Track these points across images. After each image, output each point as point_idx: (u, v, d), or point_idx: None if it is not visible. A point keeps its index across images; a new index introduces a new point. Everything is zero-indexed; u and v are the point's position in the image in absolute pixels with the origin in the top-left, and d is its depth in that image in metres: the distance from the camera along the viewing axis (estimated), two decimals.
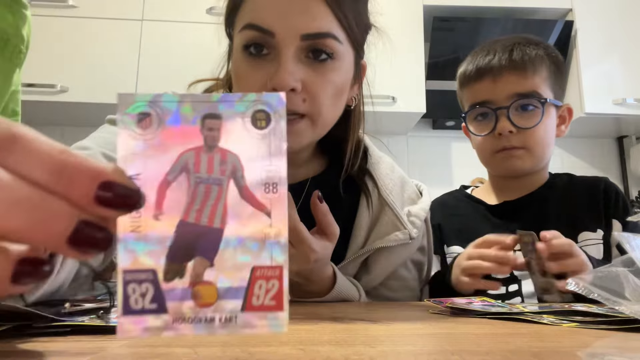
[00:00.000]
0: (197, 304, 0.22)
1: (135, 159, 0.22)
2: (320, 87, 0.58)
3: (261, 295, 0.23)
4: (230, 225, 0.23)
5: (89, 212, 0.20)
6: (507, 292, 0.80)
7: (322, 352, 0.26)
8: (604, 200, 0.86)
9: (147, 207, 0.22)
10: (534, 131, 0.83)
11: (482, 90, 0.85)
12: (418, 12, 2.13)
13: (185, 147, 0.23)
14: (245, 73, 0.59)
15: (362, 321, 0.41)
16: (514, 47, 0.85)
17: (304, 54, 0.58)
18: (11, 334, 0.29)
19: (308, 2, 0.56)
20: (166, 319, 0.22)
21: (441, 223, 0.91)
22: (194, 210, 0.23)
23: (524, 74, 0.83)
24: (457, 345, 0.30)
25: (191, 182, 0.23)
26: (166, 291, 0.22)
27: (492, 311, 0.45)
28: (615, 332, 0.35)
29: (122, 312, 0.21)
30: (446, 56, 2.15)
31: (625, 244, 0.44)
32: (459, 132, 2.41)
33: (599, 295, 0.41)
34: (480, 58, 0.87)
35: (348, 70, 0.63)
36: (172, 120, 0.23)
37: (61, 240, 0.20)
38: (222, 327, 0.22)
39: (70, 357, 0.24)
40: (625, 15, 2.15)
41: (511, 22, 2.16)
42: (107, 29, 2.05)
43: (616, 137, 2.45)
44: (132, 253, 0.22)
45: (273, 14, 0.56)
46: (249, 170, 0.23)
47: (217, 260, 0.23)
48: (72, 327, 0.31)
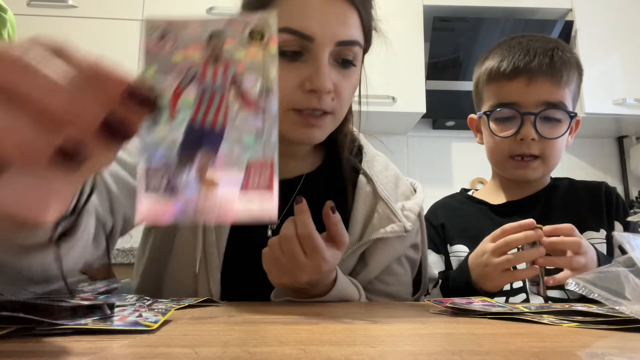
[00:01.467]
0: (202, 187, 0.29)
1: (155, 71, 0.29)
2: (346, 88, 0.64)
3: (255, 182, 0.29)
4: (229, 127, 0.29)
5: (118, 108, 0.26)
6: (512, 288, 0.80)
7: (322, 352, 0.26)
8: (606, 203, 0.87)
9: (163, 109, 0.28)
10: (554, 142, 0.82)
11: (513, 90, 0.82)
12: (418, 12, 2.13)
13: (194, 61, 0.29)
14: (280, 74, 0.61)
15: (362, 321, 0.41)
16: (554, 51, 0.82)
17: (334, 58, 0.62)
18: (12, 335, 0.29)
19: (345, 12, 0.61)
20: (178, 199, 0.28)
21: (444, 223, 0.90)
22: (201, 113, 0.29)
23: (558, 82, 0.81)
24: (457, 345, 0.30)
25: (198, 90, 0.29)
26: (178, 179, 0.29)
27: (492, 311, 0.45)
28: (615, 332, 0.35)
29: (144, 191, 0.29)
30: (446, 56, 2.15)
31: (625, 244, 0.44)
32: (459, 132, 2.41)
33: (599, 295, 0.41)
34: (519, 56, 0.82)
35: (360, 71, 0.69)
36: (185, 37, 0.29)
37: (95, 122, 0.26)
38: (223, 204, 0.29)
39: (70, 357, 0.24)
40: (625, 15, 2.15)
41: (511, 22, 2.16)
42: (107, 29, 2.05)
43: (616, 137, 2.45)
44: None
45: (313, 20, 0.59)
46: (246, 79, 0.30)
47: (219, 155, 0.29)
48: (73, 329, 0.31)
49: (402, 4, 2.12)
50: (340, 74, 0.63)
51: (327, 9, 0.60)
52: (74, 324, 0.31)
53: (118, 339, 0.29)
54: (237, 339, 0.30)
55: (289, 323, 0.39)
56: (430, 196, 0.92)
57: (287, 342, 0.29)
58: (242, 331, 0.34)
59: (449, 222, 0.90)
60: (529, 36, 0.87)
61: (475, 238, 0.77)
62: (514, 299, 0.79)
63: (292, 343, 0.28)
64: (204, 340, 0.30)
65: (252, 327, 0.37)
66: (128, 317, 0.36)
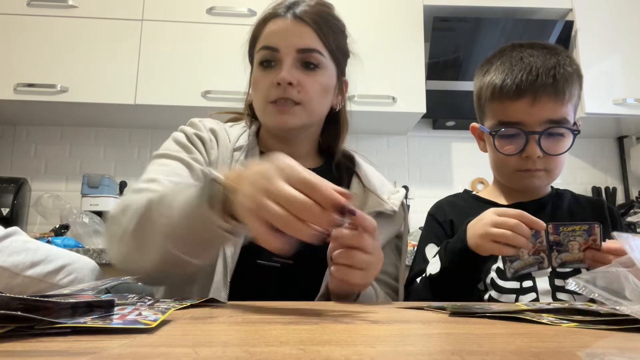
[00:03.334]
0: None
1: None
2: (310, 84, 0.81)
3: None
4: None
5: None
6: (522, 287, 0.80)
7: (322, 352, 0.26)
8: (610, 218, 0.90)
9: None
10: (558, 157, 0.85)
11: (518, 110, 0.82)
12: (418, 12, 2.13)
13: None
14: (260, 79, 0.84)
15: (362, 321, 0.41)
16: (556, 69, 0.82)
17: (300, 63, 0.82)
18: (12, 334, 0.29)
19: (302, 29, 0.81)
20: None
21: (453, 219, 0.91)
22: None
23: (562, 100, 0.82)
24: (457, 345, 0.30)
25: None
26: None
27: (492, 311, 0.45)
28: (615, 332, 0.35)
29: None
30: (446, 56, 2.15)
31: (625, 244, 0.44)
32: (459, 132, 2.41)
33: (599, 295, 0.41)
34: (522, 76, 0.82)
35: (331, 77, 0.85)
36: None
37: (328, 226, 0.48)
38: None
39: (70, 357, 0.24)
40: (626, 15, 2.15)
41: (511, 22, 2.16)
42: (107, 29, 2.05)
43: (616, 137, 2.45)
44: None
45: (278, 37, 0.82)
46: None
47: None
48: (72, 328, 0.31)
49: (402, 4, 2.11)
50: (305, 74, 0.81)
51: (288, 29, 0.81)
52: (73, 323, 0.31)
53: (118, 339, 0.29)
54: (237, 339, 0.30)
55: (289, 323, 0.39)
56: (431, 196, 0.93)
57: (287, 342, 0.29)
58: (242, 331, 0.34)
59: (458, 219, 0.91)
60: (528, 49, 0.86)
61: None
62: (523, 297, 0.79)
63: (292, 343, 0.28)
64: (204, 340, 0.30)
65: (252, 327, 0.37)
66: (128, 315, 0.36)
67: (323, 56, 0.82)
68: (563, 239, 0.73)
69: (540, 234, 0.73)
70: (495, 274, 0.82)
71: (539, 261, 0.74)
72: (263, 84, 0.82)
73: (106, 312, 0.37)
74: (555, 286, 0.80)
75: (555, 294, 0.79)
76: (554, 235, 0.73)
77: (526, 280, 0.81)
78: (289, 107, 0.80)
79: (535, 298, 0.79)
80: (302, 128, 0.84)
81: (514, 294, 0.80)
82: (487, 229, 0.71)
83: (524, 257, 0.74)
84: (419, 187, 2.31)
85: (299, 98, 0.80)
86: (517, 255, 0.74)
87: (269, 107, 0.81)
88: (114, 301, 0.39)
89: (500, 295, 0.81)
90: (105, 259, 1.58)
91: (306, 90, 0.81)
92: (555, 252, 0.74)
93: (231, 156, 0.84)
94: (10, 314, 0.29)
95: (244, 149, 0.85)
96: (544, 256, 0.74)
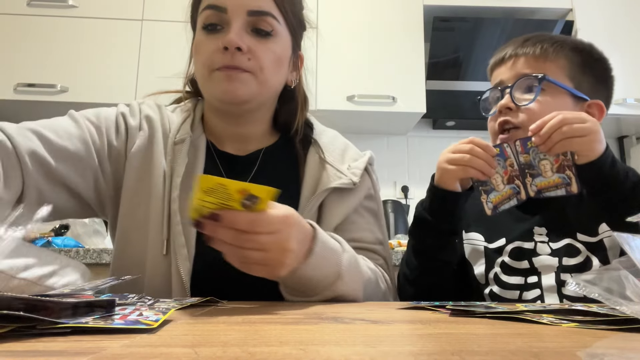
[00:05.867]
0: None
1: None
2: (262, 51, 0.72)
3: None
4: None
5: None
6: (526, 283, 0.79)
7: (322, 352, 0.26)
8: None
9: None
10: (529, 109, 0.82)
11: (498, 75, 0.88)
12: (418, 12, 2.13)
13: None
14: (203, 44, 0.73)
15: (362, 321, 0.41)
16: (531, 37, 0.87)
17: (250, 27, 0.72)
18: (12, 334, 0.29)
19: None
20: None
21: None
22: None
23: (534, 57, 0.84)
24: (457, 345, 0.30)
25: None
26: None
27: (492, 311, 0.45)
28: (615, 332, 0.35)
29: None
30: (446, 56, 2.15)
31: (625, 244, 0.44)
32: (459, 132, 2.41)
33: (599, 295, 0.41)
34: (500, 50, 0.89)
35: (285, 47, 0.77)
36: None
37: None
38: None
39: (70, 357, 0.24)
40: (626, 15, 2.15)
41: (511, 22, 2.16)
42: (107, 29, 2.05)
43: (616, 137, 2.45)
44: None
45: None
46: None
47: None
48: (72, 328, 0.31)
49: (402, 4, 2.11)
50: (257, 41, 0.72)
51: None
52: (75, 322, 0.31)
53: (118, 339, 0.29)
54: (237, 339, 0.30)
55: (289, 323, 0.39)
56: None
57: (287, 342, 0.29)
58: (242, 331, 0.34)
59: (467, 209, 0.90)
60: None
61: (491, 227, 0.83)
62: (527, 294, 0.78)
63: (292, 343, 0.28)
64: (204, 340, 0.30)
65: (252, 327, 0.37)
66: (129, 315, 0.36)
67: (278, 22, 0.74)
68: (534, 159, 0.73)
69: (507, 155, 0.74)
70: (499, 268, 0.82)
71: (516, 192, 0.75)
72: (206, 49, 0.72)
73: (107, 312, 0.37)
74: (561, 281, 0.78)
75: (560, 290, 0.78)
76: (523, 155, 0.74)
77: (531, 275, 0.80)
78: (240, 74, 0.70)
79: (540, 295, 0.78)
80: (253, 102, 0.75)
81: (518, 290, 0.79)
82: (446, 156, 0.79)
83: (499, 187, 0.75)
84: (419, 187, 2.31)
85: (250, 66, 0.71)
86: (492, 185, 0.75)
87: (214, 74, 0.71)
88: (115, 301, 0.39)
89: (504, 291, 0.80)
90: (105, 259, 1.58)
91: (257, 57, 0.71)
92: (530, 177, 0.74)
93: (172, 152, 0.75)
94: (12, 314, 0.29)
95: (186, 142, 0.75)
96: (519, 184, 0.75)
